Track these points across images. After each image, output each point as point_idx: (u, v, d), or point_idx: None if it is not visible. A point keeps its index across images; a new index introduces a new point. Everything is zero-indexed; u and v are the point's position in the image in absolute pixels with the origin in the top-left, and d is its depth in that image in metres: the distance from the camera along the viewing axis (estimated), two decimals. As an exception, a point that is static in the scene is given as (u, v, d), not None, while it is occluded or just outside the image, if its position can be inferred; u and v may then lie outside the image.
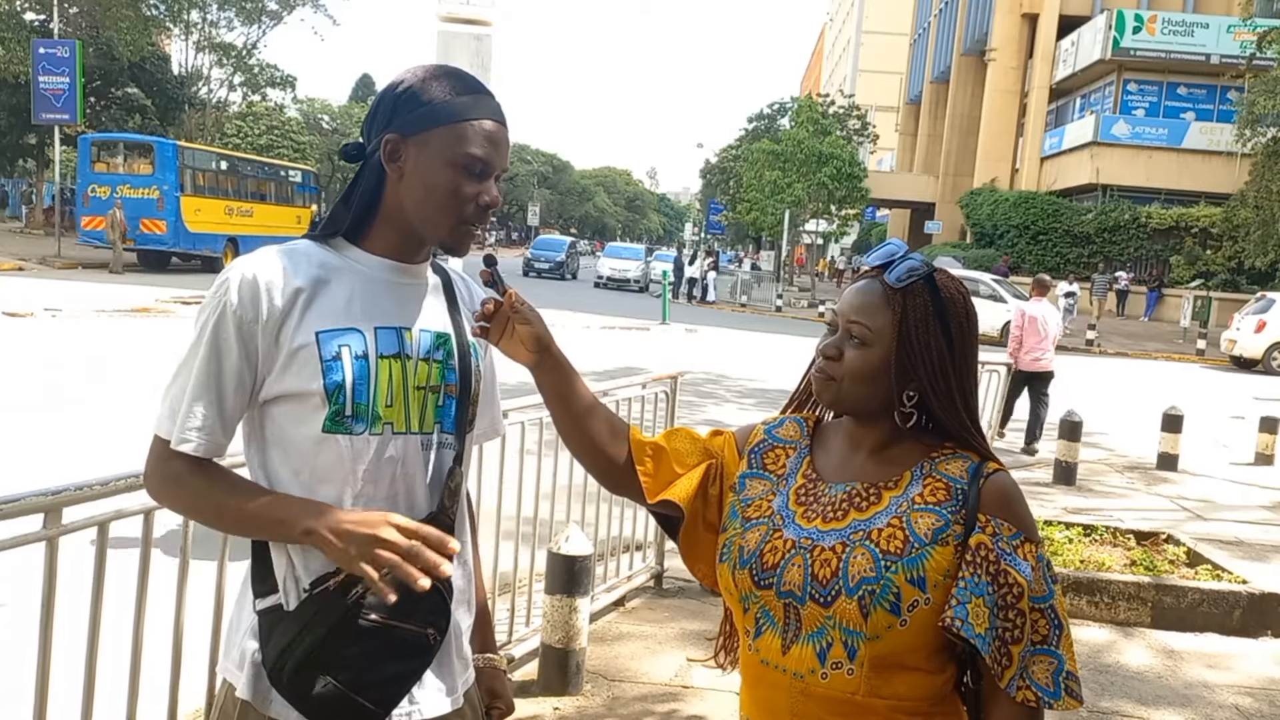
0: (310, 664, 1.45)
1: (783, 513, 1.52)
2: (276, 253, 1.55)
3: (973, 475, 1.46)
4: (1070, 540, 5.98)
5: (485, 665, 1.78)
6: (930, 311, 1.46)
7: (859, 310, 1.48)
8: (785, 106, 52.96)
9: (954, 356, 1.47)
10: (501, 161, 1.58)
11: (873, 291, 1.49)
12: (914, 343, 1.45)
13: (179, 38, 42.81)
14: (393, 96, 1.56)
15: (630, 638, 4.60)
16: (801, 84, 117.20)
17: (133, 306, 16.68)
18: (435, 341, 1.61)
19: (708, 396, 11.93)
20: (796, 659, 1.44)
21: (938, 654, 1.44)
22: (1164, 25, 34.50)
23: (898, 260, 1.49)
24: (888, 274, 1.48)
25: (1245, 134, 27.98)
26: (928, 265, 1.49)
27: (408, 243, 1.60)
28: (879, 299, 1.47)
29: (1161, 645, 5.04)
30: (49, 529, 2.05)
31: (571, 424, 1.61)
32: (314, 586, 1.48)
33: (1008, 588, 1.38)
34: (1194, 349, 23.87)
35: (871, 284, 1.50)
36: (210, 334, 1.49)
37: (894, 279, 1.47)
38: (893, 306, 1.46)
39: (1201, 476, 9.45)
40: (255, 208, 29.62)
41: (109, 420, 8.04)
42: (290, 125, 56.47)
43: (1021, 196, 36.71)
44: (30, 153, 40.51)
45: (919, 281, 1.47)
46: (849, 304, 1.50)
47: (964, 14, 46.62)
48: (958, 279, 1.54)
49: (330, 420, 1.50)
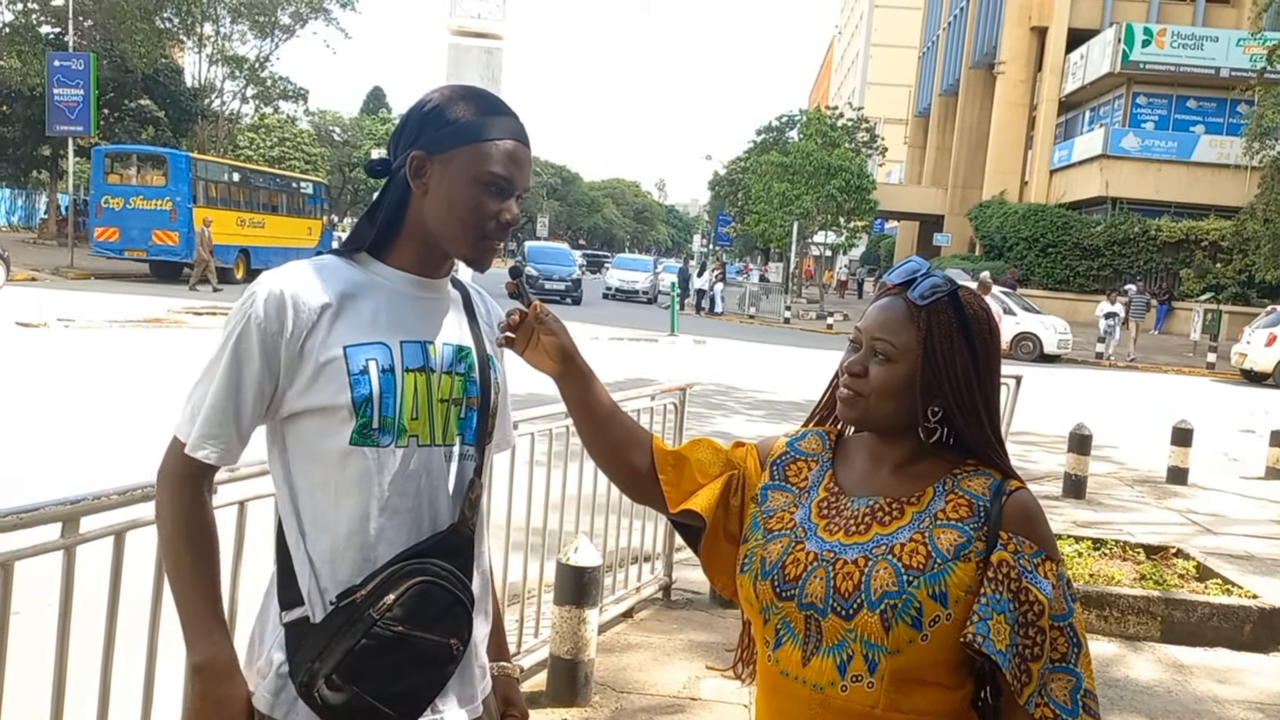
0: (338, 675, 1.47)
1: (805, 525, 1.53)
2: (304, 268, 1.58)
3: (995, 492, 1.47)
4: (1080, 554, 5.97)
5: (500, 674, 1.80)
6: (955, 328, 1.47)
7: (883, 327, 1.49)
8: (794, 119, 53.04)
9: (978, 372, 1.48)
10: (523, 181, 1.61)
11: (896, 309, 1.50)
12: (939, 359, 1.46)
13: (192, 50, 43.15)
14: (420, 115, 1.60)
15: (639, 649, 4.61)
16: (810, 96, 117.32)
17: (145, 317, 16.76)
18: (457, 355, 1.64)
19: (716, 408, 11.93)
20: (816, 671, 1.46)
21: (957, 669, 1.45)
22: (1173, 39, 34.49)
23: (920, 277, 1.50)
24: (911, 291, 1.49)
25: (1255, 147, 27.92)
26: (951, 282, 1.50)
27: (430, 257, 1.63)
28: (903, 316, 1.49)
29: (1171, 660, 5.02)
30: (66, 538, 2.07)
31: (595, 433, 1.63)
32: (340, 599, 1.51)
33: (1029, 605, 1.39)
34: (1204, 362, 23.77)
35: (895, 301, 1.51)
36: (234, 345, 1.53)
37: (918, 296, 1.48)
38: (917, 323, 1.47)
39: (1211, 490, 9.42)
40: (267, 219, 29.71)
41: (122, 430, 8.08)
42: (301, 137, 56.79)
43: (1031, 209, 36.66)
44: (44, 164, 40.79)
45: (943, 298, 1.48)
46: (873, 321, 1.51)
47: (973, 27, 46.68)
48: (980, 295, 1.55)
49: (358, 433, 1.53)
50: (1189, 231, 33.34)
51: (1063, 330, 23.60)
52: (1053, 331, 23.37)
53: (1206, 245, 32.94)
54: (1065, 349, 23.50)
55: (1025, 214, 36.28)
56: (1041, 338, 23.14)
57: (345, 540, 1.54)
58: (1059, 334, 23.38)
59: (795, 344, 23.18)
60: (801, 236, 37.18)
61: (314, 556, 1.55)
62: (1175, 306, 32.59)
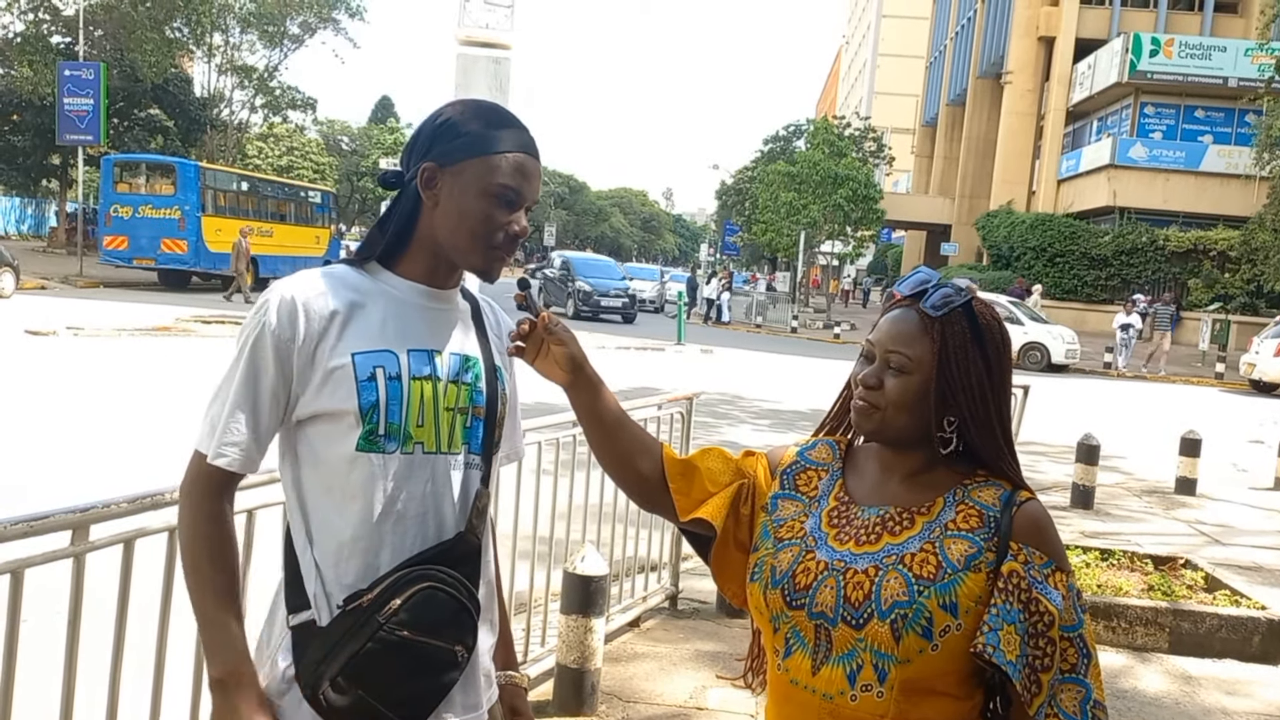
0: (343, 679, 1.48)
1: (815, 534, 1.53)
2: (315, 276, 1.61)
3: (1005, 503, 1.47)
4: (1088, 564, 5.95)
5: (506, 683, 1.80)
6: (969, 338, 1.47)
7: (897, 339, 1.49)
8: (801, 128, 53.07)
9: (992, 382, 1.49)
10: (532, 193, 1.63)
11: (910, 320, 1.50)
12: (954, 370, 1.46)
13: (201, 60, 43.37)
14: (432, 128, 1.62)
15: (645, 658, 4.60)
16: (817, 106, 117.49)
17: (153, 325, 16.82)
18: (464, 364, 1.66)
19: (723, 418, 11.93)
20: (826, 680, 1.46)
21: (967, 680, 1.45)
22: (1181, 48, 34.48)
23: (932, 288, 1.50)
24: (924, 302, 1.49)
25: (1263, 157, 27.91)
26: (963, 292, 1.50)
27: (439, 268, 1.65)
28: (917, 327, 1.48)
29: (1179, 671, 5.00)
30: (76, 545, 2.08)
31: (605, 442, 1.64)
32: (347, 603, 1.52)
33: (1039, 616, 1.39)
34: (1213, 372, 23.69)
35: (908, 313, 1.51)
36: (249, 353, 1.55)
37: (931, 307, 1.48)
38: (931, 334, 1.47)
39: (1220, 501, 9.38)
40: (275, 228, 29.79)
41: (131, 438, 8.11)
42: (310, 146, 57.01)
43: (1038, 218, 36.62)
44: (54, 173, 41.01)
45: (957, 309, 1.48)
46: (886, 333, 1.51)
47: (980, 37, 46.73)
48: (992, 305, 1.55)
49: (364, 439, 1.55)
50: (1197, 241, 33.28)
51: (1070, 340, 23.53)
52: (1060, 341, 23.31)
53: (1215, 255, 32.87)
54: (1073, 359, 23.43)
55: (1033, 224, 36.24)
56: (1049, 348, 23.08)
57: (350, 545, 1.55)
58: (1067, 344, 23.32)
59: (802, 353, 23.16)
60: (808, 246, 37.20)
61: (320, 560, 1.56)
62: (1184, 316, 32.52)
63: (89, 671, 2.13)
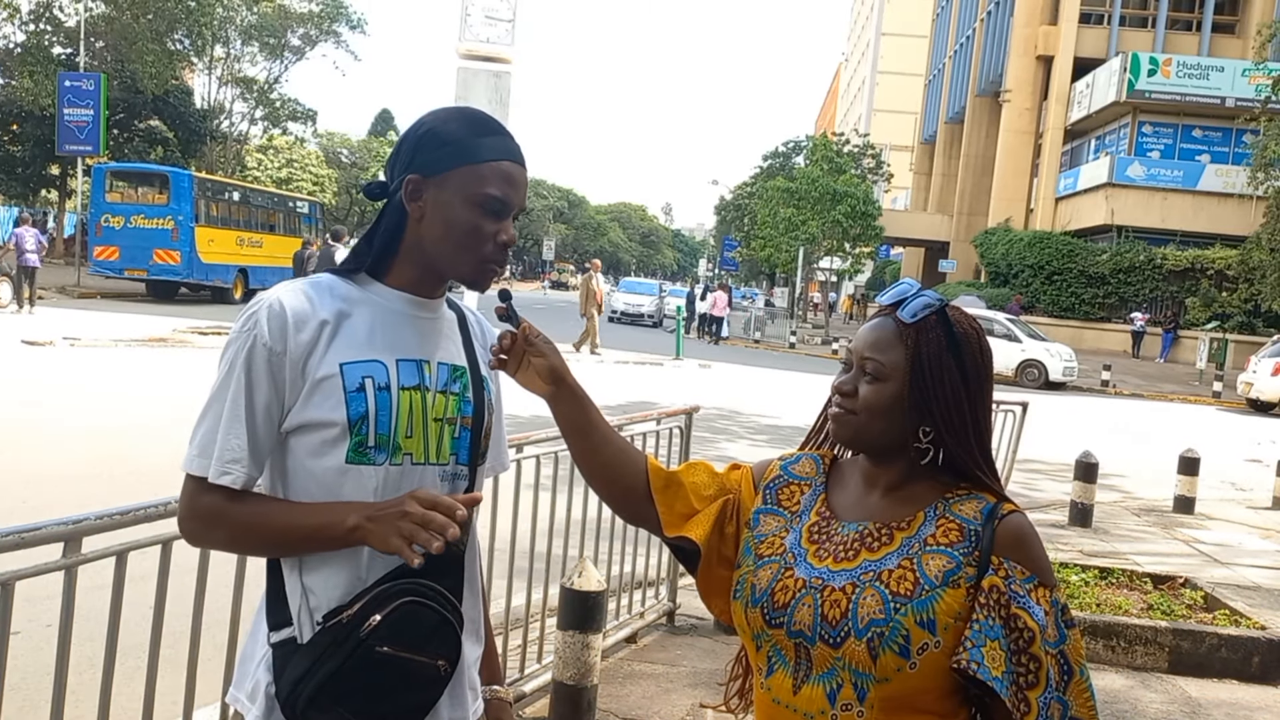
0: (324, 696, 1.45)
1: (795, 550, 1.52)
2: (301, 286, 1.58)
3: (987, 516, 1.45)
4: (1087, 583, 5.93)
5: (492, 698, 1.78)
6: (944, 346, 1.47)
7: (872, 346, 1.50)
8: (800, 145, 53.27)
9: (968, 391, 1.48)
10: (519, 201, 1.61)
11: (886, 328, 1.50)
12: (928, 377, 1.46)
13: (202, 72, 43.51)
14: (415, 138, 1.60)
15: (642, 676, 4.57)
16: (816, 123, 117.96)
17: (150, 336, 16.79)
18: (452, 374, 1.64)
19: (721, 432, 11.91)
20: (807, 699, 1.44)
21: (949, 697, 1.43)
22: (1179, 68, 34.64)
23: (910, 297, 1.51)
24: (901, 310, 1.49)
25: (1260, 177, 28.00)
26: (941, 301, 1.50)
27: (426, 278, 1.63)
28: (892, 335, 1.49)
29: (1179, 691, 4.97)
30: (68, 558, 2.06)
31: (588, 455, 1.63)
32: (327, 619, 1.49)
33: (1018, 632, 1.38)
34: (1210, 391, 23.71)
35: (885, 321, 1.51)
36: (241, 367, 1.51)
37: (907, 315, 1.48)
38: (905, 341, 1.47)
39: (1218, 520, 9.36)
40: (265, 238, 29.32)
41: (124, 449, 8.07)
42: (309, 159, 57.10)
43: (1036, 236, 36.72)
44: (53, 183, 41.03)
45: (932, 316, 1.48)
46: (863, 340, 1.52)
47: (979, 56, 46.96)
48: (971, 315, 1.55)
49: (353, 451, 1.52)
50: (1194, 260, 33.36)
51: (1068, 358, 23.56)
52: (1058, 359, 23.34)
53: (1212, 274, 32.94)
54: (1071, 376, 23.45)
55: (1031, 241, 36.33)
56: (1047, 365, 23.10)
57: (334, 559, 1.52)
58: (1064, 361, 23.35)
59: (800, 369, 23.16)
60: (807, 262, 37.25)
61: (305, 576, 1.53)
62: (1181, 335, 32.57)
63: (80, 683, 2.10)
